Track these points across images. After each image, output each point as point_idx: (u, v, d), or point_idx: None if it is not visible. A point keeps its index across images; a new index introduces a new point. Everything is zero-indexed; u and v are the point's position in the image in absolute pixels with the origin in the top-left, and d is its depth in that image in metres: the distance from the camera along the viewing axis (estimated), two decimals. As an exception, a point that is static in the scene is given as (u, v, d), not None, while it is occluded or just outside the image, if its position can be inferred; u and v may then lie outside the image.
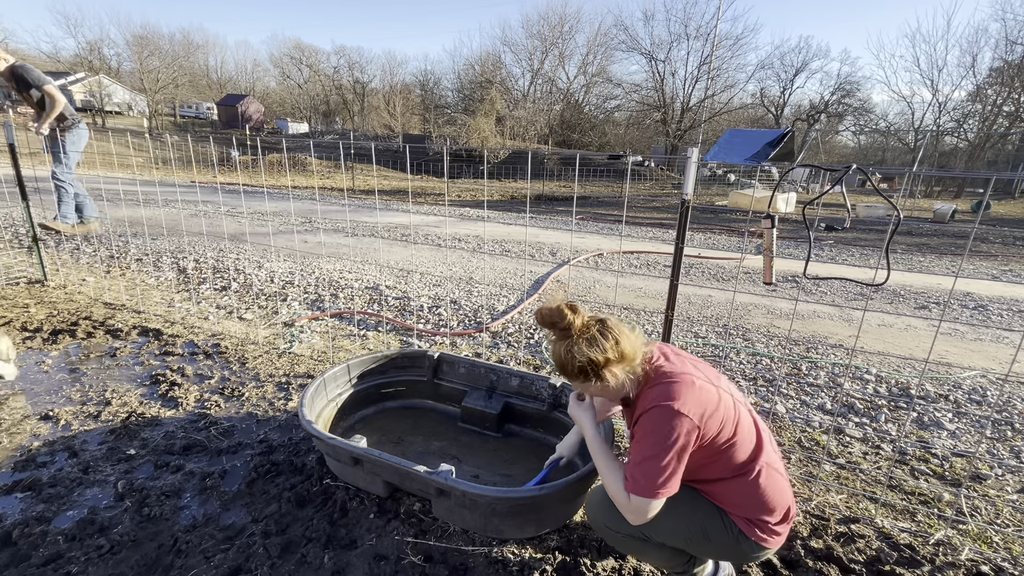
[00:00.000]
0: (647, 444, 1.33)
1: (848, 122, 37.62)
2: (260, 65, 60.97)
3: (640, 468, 1.34)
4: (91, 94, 40.08)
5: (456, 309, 4.47)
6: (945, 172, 29.73)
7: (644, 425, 1.36)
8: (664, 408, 1.31)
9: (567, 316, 1.41)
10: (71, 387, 2.77)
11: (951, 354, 4.04)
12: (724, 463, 1.38)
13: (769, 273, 2.15)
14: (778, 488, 1.40)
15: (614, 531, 1.48)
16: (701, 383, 1.37)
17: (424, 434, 2.47)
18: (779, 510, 1.39)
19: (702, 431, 1.31)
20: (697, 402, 1.32)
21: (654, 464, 1.31)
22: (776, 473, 1.41)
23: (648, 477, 1.32)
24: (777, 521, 1.40)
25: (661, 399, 1.34)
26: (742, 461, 1.38)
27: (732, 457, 1.37)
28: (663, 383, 1.37)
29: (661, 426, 1.31)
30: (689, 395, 1.33)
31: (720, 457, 1.37)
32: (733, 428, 1.36)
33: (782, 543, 1.44)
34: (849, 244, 10.24)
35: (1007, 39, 27.46)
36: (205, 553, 1.69)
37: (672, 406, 1.31)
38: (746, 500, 1.38)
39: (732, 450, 1.36)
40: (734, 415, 1.37)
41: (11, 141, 4.12)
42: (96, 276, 4.93)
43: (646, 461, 1.33)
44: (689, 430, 1.30)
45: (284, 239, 7.42)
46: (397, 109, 43.69)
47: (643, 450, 1.34)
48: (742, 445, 1.37)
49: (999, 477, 2.36)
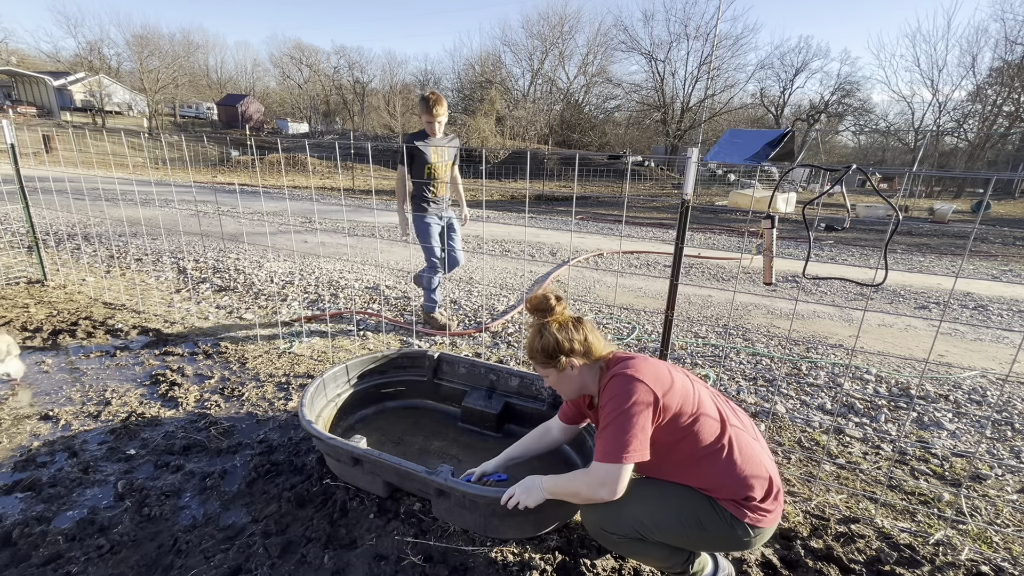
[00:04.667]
0: (608, 411, 1.40)
1: (848, 122, 37.59)
2: (260, 65, 60.97)
3: (605, 435, 1.39)
4: (91, 94, 40.06)
5: (456, 309, 4.47)
6: (945, 172, 29.69)
7: (605, 396, 1.44)
8: (621, 376, 1.41)
9: (551, 303, 1.58)
10: (71, 387, 2.77)
11: (951, 354, 4.04)
12: (693, 441, 1.41)
13: (769, 273, 2.15)
14: (753, 460, 1.43)
15: (610, 533, 1.48)
16: (655, 362, 1.47)
17: (424, 434, 2.47)
18: (759, 483, 1.41)
19: (662, 401, 1.38)
20: (653, 374, 1.41)
21: (617, 428, 1.37)
22: (747, 444, 1.45)
23: (614, 441, 1.36)
24: (762, 497, 1.41)
25: (619, 369, 1.44)
26: (711, 439, 1.41)
27: (699, 434, 1.41)
28: (620, 362, 1.48)
29: (620, 392, 1.39)
30: (644, 367, 1.43)
31: (688, 434, 1.41)
32: (695, 404, 1.42)
33: (776, 521, 1.46)
34: (849, 244, 10.24)
35: (1007, 39, 27.44)
36: (205, 553, 1.69)
37: (628, 372, 1.41)
38: (726, 479, 1.40)
39: (698, 425, 1.41)
40: (693, 393, 1.44)
41: (11, 141, 4.12)
42: (96, 276, 4.93)
43: (609, 426, 1.39)
44: (647, 395, 1.37)
45: (284, 239, 7.42)
46: (397, 109, 43.63)
47: (606, 418, 1.41)
48: (707, 422, 1.42)
49: (999, 477, 2.36)
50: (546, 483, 1.54)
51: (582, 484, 1.44)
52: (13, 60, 44.15)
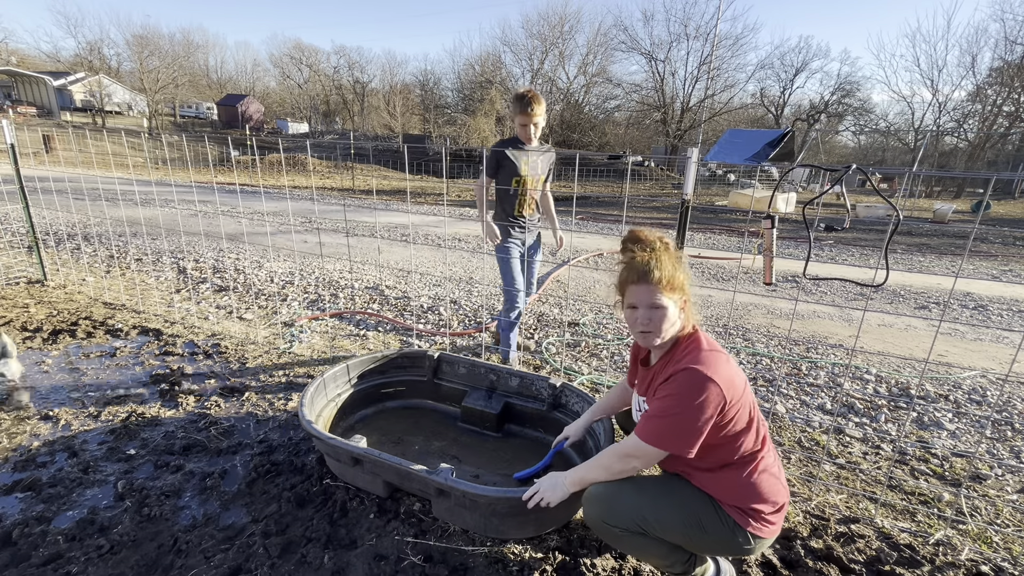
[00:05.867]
0: (673, 402, 1.34)
1: (848, 122, 37.58)
2: (260, 65, 60.97)
3: (662, 423, 1.35)
4: (91, 94, 40.07)
5: (456, 309, 4.47)
6: (945, 172, 29.67)
7: (673, 384, 1.35)
8: (698, 372, 1.31)
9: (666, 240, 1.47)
10: (71, 387, 2.77)
11: (951, 354, 4.04)
12: (729, 451, 1.40)
13: (769, 273, 2.15)
14: (774, 485, 1.43)
15: (612, 527, 1.47)
16: (733, 365, 1.39)
17: (424, 434, 2.47)
18: (773, 503, 1.42)
19: (727, 409, 1.32)
20: (729, 379, 1.33)
21: (678, 422, 1.33)
22: (775, 467, 1.45)
23: (669, 433, 1.34)
24: (771, 512, 1.42)
25: (695, 363, 1.33)
26: (745, 454, 1.41)
27: (742, 444, 1.39)
28: (700, 350, 1.38)
29: (692, 386, 1.31)
30: (723, 369, 1.34)
31: (727, 443, 1.39)
32: (747, 419, 1.39)
33: (777, 533, 1.46)
34: (849, 244, 10.24)
35: (1007, 39, 27.45)
36: (205, 553, 1.69)
37: (706, 372, 1.31)
38: (742, 489, 1.40)
39: (744, 436, 1.39)
40: (751, 407, 1.41)
41: (11, 141, 4.12)
42: (96, 276, 4.93)
43: (670, 417, 1.34)
44: (718, 400, 1.30)
45: (283, 239, 7.42)
46: (397, 109, 43.64)
47: (668, 407, 1.34)
48: (752, 433, 1.40)
49: (999, 477, 2.36)
50: (571, 476, 1.54)
51: (616, 457, 1.44)
52: (13, 60, 44.16)
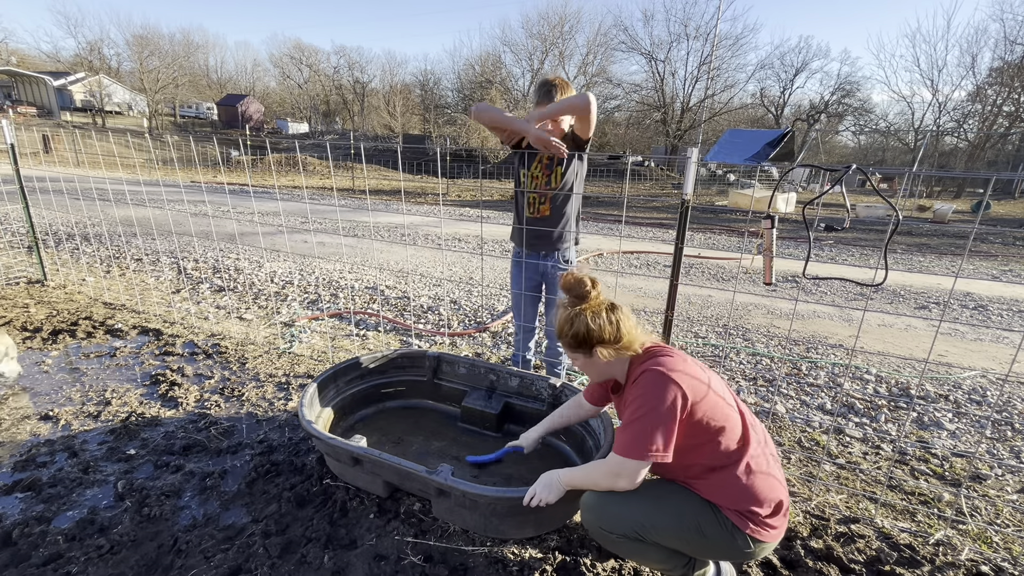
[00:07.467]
0: (637, 405, 1.36)
1: (848, 122, 37.59)
2: (260, 65, 60.99)
3: (630, 429, 1.36)
4: (91, 94, 40.09)
5: (456, 309, 4.47)
6: (945, 172, 29.68)
7: (635, 390, 1.39)
8: (655, 372, 1.36)
9: (586, 288, 1.48)
10: (71, 387, 2.77)
11: (951, 354, 4.04)
12: (712, 450, 1.39)
13: (769, 273, 2.15)
14: (767, 483, 1.39)
15: (608, 532, 1.47)
16: (693, 364, 1.42)
17: (424, 434, 2.47)
18: (768, 503, 1.39)
19: (690, 402, 1.34)
20: (688, 375, 1.36)
21: (644, 425, 1.34)
22: (766, 464, 1.41)
23: (639, 437, 1.34)
24: (768, 514, 1.39)
25: (653, 365, 1.38)
26: (729, 452, 1.39)
27: (720, 445, 1.38)
28: (656, 356, 1.43)
29: (652, 388, 1.35)
30: (681, 366, 1.38)
31: (708, 442, 1.39)
32: (723, 415, 1.39)
33: (780, 537, 1.43)
34: (849, 244, 10.24)
35: (1007, 39, 27.45)
36: (205, 553, 1.69)
37: (663, 371, 1.35)
38: (735, 492, 1.38)
39: (720, 437, 1.38)
40: (723, 402, 1.41)
41: (11, 141, 4.12)
42: (96, 276, 4.93)
43: (636, 422, 1.35)
44: (679, 395, 1.33)
45: (283, 239, 7.42)
46: (397, 109, 43.63)
47: (633, 412, 1.37)
48: (730, 435, 1.39)
49: (999, 477, 2.36)
50: (564, 477, 1.55)
51: (601, 475, 1.44)
52: (13, 60, 44.15)
